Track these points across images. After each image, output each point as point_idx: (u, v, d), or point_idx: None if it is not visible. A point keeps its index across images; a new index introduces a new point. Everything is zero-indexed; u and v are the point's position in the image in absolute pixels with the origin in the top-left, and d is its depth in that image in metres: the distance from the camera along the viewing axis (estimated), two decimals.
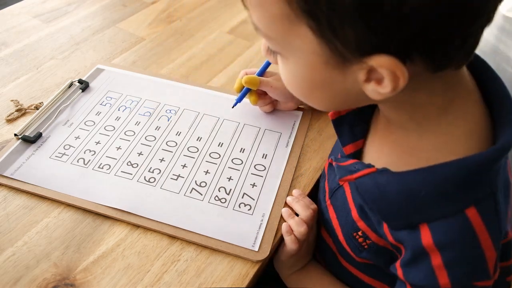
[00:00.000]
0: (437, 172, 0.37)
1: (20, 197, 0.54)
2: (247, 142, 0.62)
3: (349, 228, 0.48)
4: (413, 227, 0.39)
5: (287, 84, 0.41)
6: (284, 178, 0.58)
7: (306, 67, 0.36)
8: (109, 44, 0.81)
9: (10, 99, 0.67)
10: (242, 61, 0.79)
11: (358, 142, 0.49)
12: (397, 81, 0.32)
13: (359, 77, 0.34)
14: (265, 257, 0.49)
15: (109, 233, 0.51)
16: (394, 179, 0.40)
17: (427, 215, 0.38)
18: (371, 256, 0.48)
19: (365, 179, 0.43)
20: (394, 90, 0.33)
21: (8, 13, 0.87)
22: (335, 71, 0.35)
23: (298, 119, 0.67)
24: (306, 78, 0.37)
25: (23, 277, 0.47)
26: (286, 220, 0.53)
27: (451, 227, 0.37)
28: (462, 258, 0.38)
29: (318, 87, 0.38)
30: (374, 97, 0.35)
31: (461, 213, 0.37)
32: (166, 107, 0.67)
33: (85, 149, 0.60)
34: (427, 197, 0.38)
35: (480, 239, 0.37)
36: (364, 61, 0.32)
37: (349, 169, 0.46)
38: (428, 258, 0.39)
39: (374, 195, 0.42)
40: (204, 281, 0.47)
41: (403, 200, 0.39)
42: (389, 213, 0.41)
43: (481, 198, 0.37)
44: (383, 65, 0.31)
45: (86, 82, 0.70)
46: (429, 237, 0.38)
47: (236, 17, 0.91)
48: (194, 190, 0.56)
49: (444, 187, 0.37)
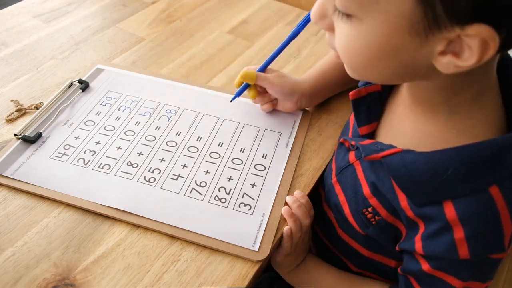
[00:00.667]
0: (464, 152, 0.39)
1: (20, 197, 0.54)
2: (247, 142, 0.62)
3: (358, 204, 0.50)
4: (437, 203, 0.41)
5: (347, 52, 0.38)
6: (284, 178, 0.58)
7: (385, 31, 0.34)
8: (109, 44, 0.81)
9: (10, 99, 0.67)
10: (242, 61, 0.79)
11: (373, 124, 0.51)
12: (486, 52, 0.32)
13: (435, 49, 0.33)
14: (265, 257, 0.49)
15: (109, 233, 0.51)
16: (422, 158, 0.41)
17: (452, 192, 0.40)
18: (377, 232, 0.49)
19: (392, 158, 0.44)
20: (478, 62, 0.32)
21: (8, 13, 0.87)
22: (415, 39, 0.34)
23: (298, 119, 0.67)
24: (379, 44, 0.35)
25: (23, 277, 0.47)
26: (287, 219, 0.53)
27: (475, 203, 0.39)
28: (483, 232, 0.40)
29: (387, 56, 0.36)
30: (445, 70, 0.34)
31: (485, 190, 0.39)
32: (166, 107, 0.67)
33: (85, 149, 0.60)
34: (453, 176, 0.39)
35: (501, 214, 0.39)
36: (461, 28, 0.31)
37: (371, 148, 0.46)
38: (451, 231, 0.40)
39: (400, 173, 0.43)
40: (204, 281, 0.47)
41: (429, 178, 0.40)
42: (415, 190, 0.43)
43: (503, 178, 0.39)
44: (480, 34, 0.31)
45: (86, 82, 0.70)
46: (453, 211, 0.40)
47: (236, 17, 0.91)
48: (194, 190, 0.56)
49: (470, 166, 0.39)
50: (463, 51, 0.33)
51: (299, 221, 0.53)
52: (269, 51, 0.81)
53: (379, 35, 0.35)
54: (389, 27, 0.34)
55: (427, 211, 0.42)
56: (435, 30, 0.32)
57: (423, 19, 0.32)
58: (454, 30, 0.32)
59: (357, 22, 0.35)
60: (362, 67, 0.39)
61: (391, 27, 0.34)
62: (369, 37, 0.35)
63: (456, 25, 0.31)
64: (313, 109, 0.69)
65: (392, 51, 0.36)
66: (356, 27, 0.36)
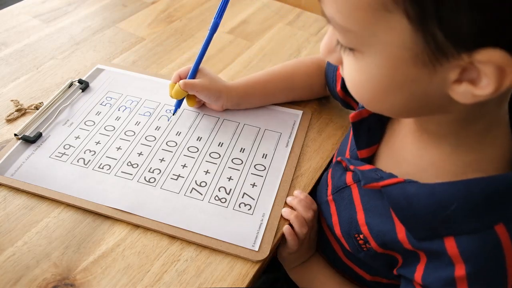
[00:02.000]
0: (470, 186, 0.36)
1: (20, 197, 0.54)
2: (247, 142, 0.62)
3: (351, 228, 0.48)
4: (438, 238, 0.39)
5: (354, 86, 0.37)
6: (284, 178, 0.58)
7: (388, 64, 0.32)
8: (109, 44, 0.81)
9: (10, 99, 0.67)
10: (242, 61, 0.79)
11: (373, 147, 0.49)
12: (503, 80, 0.29)
13: (449, 77, 0.31)
14: (265, 257, 0.49)
15: (109, 233, 0.51)
16: (424, 190, 0.39)
17: (455, 228, 0.38)
18: (368, 258, 0.48)
19: (392, 188, 0.42)
20: (497, 90, 0.29)
21: (8, 13, 0.87)
22: (422, 70, 0.31)
23: (298, 119, 0.67)
24: (383, 77, 0.33)
25: (23, 277, 0.46)
26: (288, 217, 0.53)
27: (479, 241, 0.37)
28: (485, 272, 0.38)
29: (395, 89, 0.34)
30: (463, 100, 0.31)
31: (491, 228, 0.37)
32: (166, 107, 0.67)
33: (85, 149, 0.60)
34: (458, 211, 0.37)
35: (505, 255, 0.37)
36: (468, 55, 0.28)
37: (371, 176, 0.44)
38: (452, 267, 0.38)
39: (401, 205, 0.41)
40: (204, 281, 0.47)
41: (431, 212, 0.38)
42: (416, 224, 0.41)
43: (510, 216, 0.37)
44: (491, 60, 0.28)
45: (86, 82, 0.70)
46: (455, 248, 0.38)
47: (236, 17, 0.91)
48: (194, 190, 0.56)
49: (476, 202, 0.36)
50: (480, 79, 0.30)
51: (301, 216, 0.53)
52: (269, 51, 0.82)
53: (382, 68, 0.33)
54: (391, 59, 0.32)
55: (428, 245, 0.40)
56: (441, 59, 0.30)
57: (426, 48, 0.30)
58: (462, 57, 0.29)
59: (359, 55, 0.34)
60: (371, 100, 0.37)
61: (393, 59, 0.32)
62: (372, 70, 0.34)
63: (463, 52, 0.29)
64: (313, 109, 0.69)
65: (399, 83, 0.33)
66: (359, 60, 0.34)
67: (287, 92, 0.67)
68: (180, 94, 0.62)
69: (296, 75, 0.67)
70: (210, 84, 0.63)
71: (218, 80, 0.64)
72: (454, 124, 0.38)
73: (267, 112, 0.67)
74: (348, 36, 0.33)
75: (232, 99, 0.65)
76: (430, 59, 0.30)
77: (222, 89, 0.64)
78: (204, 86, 0.62)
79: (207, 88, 0.62)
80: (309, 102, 0.70)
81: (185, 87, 0.61)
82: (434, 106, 0.35)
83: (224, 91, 0.64)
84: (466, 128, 0.38)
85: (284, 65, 0.68)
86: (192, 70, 0.63)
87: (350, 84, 0.37)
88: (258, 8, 0.95)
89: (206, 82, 0.62)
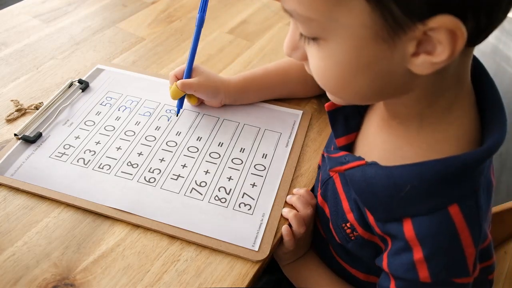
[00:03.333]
0: (423, 168, 0.38)
1: (20, 197, 0.54)
2: (247, 142, 0.62)
3: (338, 218, 0.49)
4: (397, 220, 0.40)
5: (321, 74, 0.38)
6: (284, 178, 0.58)
7: (352, 46, 0.34)
8: (109, 44, 0.81)
9: (10, 99, 0.67)
10: (242, 61, 0.79)
11: (351, 135, 0.50)
12: (456, 44, 0.31)
13: (407, 51, 0.33)
14: (265, 257, 0.49)
15: (109, 233, 0.51)
16: (382, 173, 0.40)
17: (410, 210, 0.39)
18: (356, 248, 0.49)
19: (353, 171, 0.43)
20: (452, 54, 0.31)
21: (8, 13, 0.87)
22: (383, 46, 0.33)
23: (298, 119, 0.67)
24: (349, 59, 0.35)
25: (23, 277, 0.46)
26: (287, 216, 0.53)
27: (432, 223, 0.38)
28: (442, 253, 0.39)
29: (361, 70, 0.35)
30: (423, 71, 0.33)
31: (444, 209, 0.38)
32: (166, 107, 0.67)
33: (85, 149, 0.60)
34: (412, 193, 0.38)
35: (460, 235, 0.38)
36: (423, 24, 0.30)
37: (339, 160, 0.46)
38: (411, 251, 0.40)
39: (361, 187, 0.42)
40: (204, 281, 0.47)
41: (388, 194, 0.40)
42: (375, 206, 0.42)
43: (464, 196, 0.38)
44: (444, 25, 0.30)
45: (86, 82, 0.70)
46: (412, 231, 0.39)
47: (236, 17, 0.91)
48: (194, 190, 0.56)
49: (429, 184, 0.38)
50: (435, 48, 0.32)
51: (299, 215, 0.53)
52: (269, 51, 0.82)
53: (347, 51, 0.34)
54: (354, 41, 0.33)
55: (389, 228, 0.41)
56: (399, 32, 0.32)
57: (384, 24, 0.31)
58: (417, 27, 0.31)
59: (323, 43, 0.35)
60: (340, 88, 0.38)
61: (356, 40, 0.33)
62: (338, 55, 0.35)
63: (417, 22, 0.31)
64: (313, 109, 0.69)
65: (364, 64, 0.35)
66: (324, 49, 0.36)
67: (282, 87, 0.68)
68: (178, 94, 0.63)
69: (291, 69, 0.67)
70: (207, 82, 0.63)
71: (215, 77, 0.65)
72: (420, 102, 0.39)
73: (267, 112, 0.67)
74: (311, 25, 0.34)
75: (230, 94, 0.65)
76: (389, 34, 0.32)
77: (219, 85, 0.64)
78: (201, 85, 0.62)
79: (204, 86, 0.63)
80: (309, 102, 0.70)
81: (183, 88, 0.62)
82: (398, 85, 0.36)
83: (221, 87, 0.64)
84: (431, 106, 0.39)
85: (280, 61, 0.69)
86: (187, 69, 0.63)
87: (316, 74, 0.38)
88: (258, 8, 0.95)
89: (202, 80, 0.63)
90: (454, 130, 0.39)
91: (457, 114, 0.39)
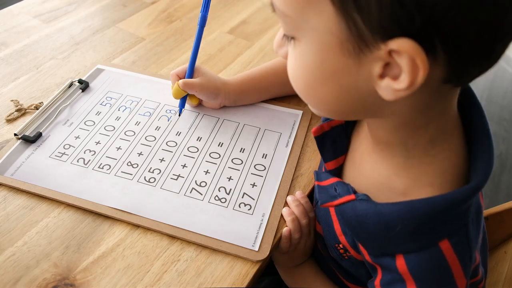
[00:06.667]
0: (413, 208, 0.37)
1: (20, 197, 0.54)
2: (247, 142, 0.62)
3: (331, 239, 0.50)
4: (390, 256, 0.40)
5: (292, 76, 0.37)
6: (284, 178, 0.58)
7: (318, 50, 0.33)
8: (109, 44, 0.81)
9: (10, 99, 0.67)
10: (242, 61, 0.79)
11: (340, 159, 0.50)
12: (416, 74, 0.29)
13: (373, 71, 0.31)
14: (265, 257, 0.49)
15: (109, 233, 0.51)
16: (372, 211, 0.40)
17: (402, 247, 0.39)
18: (351, 266, 0.49)
19: (345, 207, 0.43)
20: (411, 85, 0.30)
21: (8, 13, 0.87)
22: (349, 59, 0.31)
23: (298, 119, 0.67)
24: (316, 65, 0.34)
25: (23, 277, 0.46)
26: (286, 218, 0.53)
27: (425, 259, 0.38)
28: (435, 286, 0.39)
29: (326, 79, 0.34)
30: (386, 96, 0.32)
31: (435, 245, 0.38)
32: (166, 107, 0.67)
33: (85, 149, 0.60)
34: (403, 231, 0.38)
35: (452, 269, 0.38)
36: (384, 44, 0.29)
37: (330, 193, 0.45)
38: (404, 284, 0.40)
39: (353, 223, 0.42)
40: (204, 281, 0.47)
41: (379, 232, 0.40)
42: (367, 242, 0.42)
43: (454, 231, 0.38)
44: (403, 49, 0.28)
45: (86, 82, 0.70)
46: (404, 265, 0.39)
47: (236, 17, 0.91)
48: (194, 190, 0.56)
49: (420, 223, 0.37)
50: (400, 73, 0.30)
51: (297, 220, 0.53)
52: (269, 51, 0.82)
53: (314, 55, 0.33)
54: (320, 46, 0.32)
55: (382, 261, 0.42)
56: (364, 48, 0.30)
57: (349, 35, 0.30)
58: (380, 47, 0.29)
59: (297, 43, 0.34)
60: (306, 92, 0.37)
61: (322, 45, 0.32)
62: (307, 57, 0.34)
63: (379, 40, 0.29)
64: None
65: (330, 73, 0.34)
66: (296, 48, 0.35)
67: (282, 86, 0.68)
68: (180, 94, 0.63)
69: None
70: (208, 83, 0.63)
71: (215, 78, 0.65)
72: (399, 132, 0.38)
73: (267, 112, 0.67)
74: (287, 22, 0.34)
75: (230, 96, 0.65)
76: (355, 48, 0.31)
77: (220, 87, 0.64)
78: (203, 85, 0.62)
79: (205, 87, 0.63)
80: None
81: (185, 87, 0.62)
82: (368, 104, 0.35)
83: (222, 89, 0.64)
84: (412, 137, 0.38)
85: (278, 60, 0.69)
86: (189, 68, 0.63)
87: (289, 73, 0.37)
88: (258, 8, 0.95)
89: (204, 81, 0.63)
90: (440, 162, 0.39)
91: (442, 147, 0.39)
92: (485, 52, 0.30)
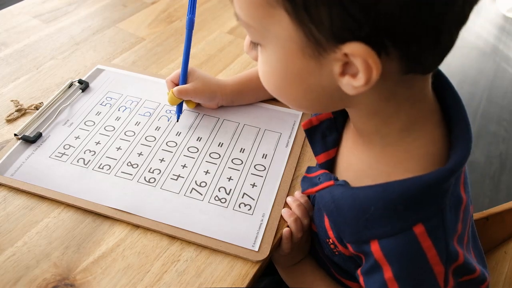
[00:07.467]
0: (387, 190, 0.38)
1: (20, 197, 0.54)
2: (247, 142, 0.62)
3: (322, 234, 0.50)
4: (365, 243, 0.40)
5: (263, 79, 0.40)
6: (284, 178, 0.58)
7: (283, 56, 0.35)
8: (109, 44, 0.81)
9: (10, 99, 0.67)
10: (242, 61, 0.79)
11: (331, 152, 0.50)
12: (370, 72, 0.31)
13: (334, 70, 0.33)
14: (265, 257, 0.49)
15: (109, 233, 0.51)
16: (347, 194, 0.40)
17: (376, 232, 0.39)
18: (342, 262, 0.49)
19: (323, 192, 0.43)
20: (367, 83, 0.32)
21: (8, 13, 0.87)
22: (311, 61, 0.34)
23: (298, 119, 0.67)
24: (282, 69, 0.36)
25: (23, 277, 0.47)
26: (287, 219, 0.53)
27: (399, 243, 0.38)
28: (411, 272, 0.39)
29: (294, 80, 0.37)
30: (349, 91, 0.34)
31: (409, 230, 0.38)
32: (166, 107, 0.67)
33: (85, 149, 0.60)
34: (376, 214, 0.38)
35: (427, 255, 0.38)
36: (339, 48, 0.31)
37: (313, 181, 0.46)
38: (381, 270, 0.40)
39: (330, 208, 0.42)
40: (204, 281, 0.47)
41: (354, 215, 0.40)
42: (344, 227, 0.42)
43: (429, 216, 0.38)
44: (356, 53, 0.31)
45: (86, 82, 0.70)
46: (379, 251, 0.39)
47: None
48: (194, 190, 0.56)
49: (393, 205, 0.38)
50: (358, 72, 0.32)
51: (299, 220, 0.53)
52: None
53: (279, 60, 0.36)
54: (284, 52, 0.35)
55: (362, 249, 0.41)
56: (322, 52, 0.32)
57: (308, 42, 0.32)
58: (335, 50, 0.32)
59: (263, 49, 0.37)
60: (277, 93, 0.40)
61: (285, 51, 0.35)
62: (272, 63, 0.37)
63: (333, 45, 0.31)
64: None
65: (295, 75, 0.36)
66: (263, 54, 0.38)
67: None
68: (176, 101, 0.63)
69: None
70: (203, 87, 0.63)
71: (211, 80, 0.65)
72: (373, 118, 0.39)
73: (267, 112, 0.67)
74: (250, 31, 0.36)
75: (227, 97, 0.65)
76: (314, 52, 0.33)
77: (216, 89, 0.64)
78: (198, 90, 0.62)
79: (200, 91, 0.63)
80: None
81: (179, 95, 0.62)
82: (337, 98, 0.37)
83: (218, 90, 0.64)
84: (386, 125, 0.39)
85: None
86: (182, 75, 0.63)
87: (260, 77, 0.40)
88: None
89: (199, 86, 0.63)
90: (416, 149, 0.39)
91: (418, 134, 0.39)
92: (433, 44, 0.32)
